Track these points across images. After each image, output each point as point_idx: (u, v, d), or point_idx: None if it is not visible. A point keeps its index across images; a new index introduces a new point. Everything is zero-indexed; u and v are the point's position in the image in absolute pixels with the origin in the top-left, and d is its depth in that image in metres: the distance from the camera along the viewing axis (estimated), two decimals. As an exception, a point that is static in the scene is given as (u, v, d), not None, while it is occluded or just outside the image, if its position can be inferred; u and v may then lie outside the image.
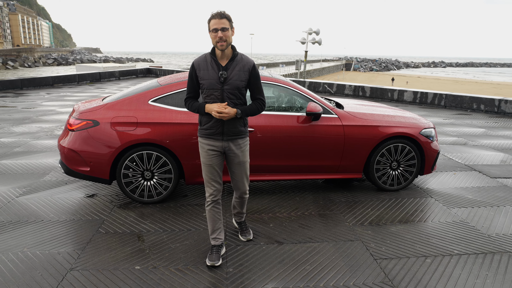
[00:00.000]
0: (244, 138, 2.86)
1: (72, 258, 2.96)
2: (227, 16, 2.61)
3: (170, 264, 2.89)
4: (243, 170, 2.93)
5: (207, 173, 2.84)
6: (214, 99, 2.69)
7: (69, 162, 3.94)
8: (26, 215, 3.70)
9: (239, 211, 3.24)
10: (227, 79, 2.67)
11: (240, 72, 2.69)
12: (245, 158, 2.90)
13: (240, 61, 2.71)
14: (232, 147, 2.82)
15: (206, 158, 2.82)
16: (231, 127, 2.75)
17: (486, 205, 4.06)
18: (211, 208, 2.89)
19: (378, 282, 2.70)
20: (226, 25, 2.59)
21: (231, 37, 2.64)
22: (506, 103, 10.34)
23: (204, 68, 2.71)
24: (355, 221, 3.67)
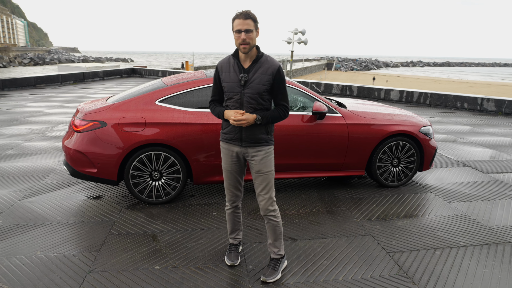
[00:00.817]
0: (265, 146, 2.60)
1: (89, 260, 2.94)
2: (253, 16, 2.44)
3: (190, 263, 2.91)
4: (263, 182, 2.61)
5: (226, 179, 2.75)
6: (234, 102, 2.55)
7: (75, 164, 3.89)
8: (33, 218, 3.64)
9: (270, 242, 2.75)
10: (248, 82, 2.51)
11: (262, 75, 2.49)
12: (265, 168, 2.60)
13: (264, 64, 2.51)
14: (251, 154, 2.61)
15: (225, 163, 2.72)
16: (249, 133, 2.56)
17: (483, 199, 4.24)
18: (231, 212, 2.86)
19: (394, 275, 2.80)
20: (251, 27, 2.42)
21: (255, 39, 2.47)
22: (488, 101, 10.75)
23: (226, 70, 2.59)
24: (363, 216, 3.78)
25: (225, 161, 2.71)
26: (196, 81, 4.09)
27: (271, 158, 2.64)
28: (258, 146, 2.59)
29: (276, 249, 2.75)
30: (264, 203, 2.63)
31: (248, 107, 2.53)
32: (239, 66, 2.54)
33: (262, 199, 2.64)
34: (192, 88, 4.05)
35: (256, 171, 2.62)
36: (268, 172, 2.61)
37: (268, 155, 2.62)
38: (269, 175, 2.62)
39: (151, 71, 20.68)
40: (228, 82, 2.56)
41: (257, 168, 2.61)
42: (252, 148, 2.60)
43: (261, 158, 2.60)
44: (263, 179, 2.61)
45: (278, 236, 2.72)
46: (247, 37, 2.42)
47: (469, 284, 2.70)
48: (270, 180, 2.62)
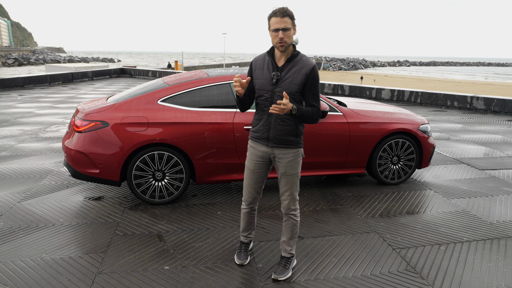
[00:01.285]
0: (292, 148, 2.53)
1: (96, 261, 2.91)
2: (290, 13, 2.34)
3: (199, 263, 2.90)
4: (287, 183, 2.58)
5: (247, 178, 2.69)
6: (264, 101, 2.49)
7: (77, 165, 3.83)
8: (34, 220, 3.57)
9: (284, 240, 2.74)
10: (280, 81, 2.44)
11: (295, 75, 2.42)
12: (291, 170, 2.55)
13: (298, 63, 2.43)
14: (278, 155, 2.55)
15: (249, 162, 2.66)
16: (277, 133, 2.50)
17: (482, 195, 4.33)
18: (246, 212, 2.82)
19: (403, 270, 2.84)
20: (288, 25, 2.34)
21: (292, 37, 2.39)
22: (477, 100, 10.96)
23: (260, 67, 2.52)
24: (366, 214, 3.82)
25: (250, 159, 2.66)
26: (198, 80, 4.08)
27: (299, 161, 2.57)
28: (285, 148, 2.53)
29: (289, 247, 2.75)
30: (287, 203, 2.62)
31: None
32: (273, 64, 2.48)
33: (285, 198, 2.62)
34: (194, 87, 4.03)
35: (282, 172, 2.58)
36: (294, 174, 2.57)
37: (295, 158, 2.55)
38: (294, 178, 2.58)
39: (141, 71, 20.50)
40: (260, 79, 2.50)
41: (282, 170, 2.57)
42: (279, 150, 2.54)
43: (288, 161, 2.54)
44: (288, 181, 2.58)
45: (294, 236, 2.72)
46: (284, 35, 2.34)
47: (476, 278, 2.75)
48: (295, 181, 2.59)
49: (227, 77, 4.14)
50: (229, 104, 4.04)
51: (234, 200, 4.12)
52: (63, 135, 6.96)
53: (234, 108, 4.05)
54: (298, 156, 2.57)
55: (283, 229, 2.74)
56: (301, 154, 2.60)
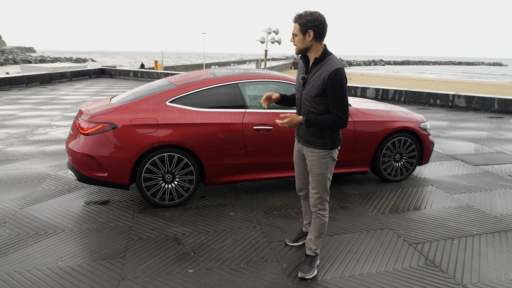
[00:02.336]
0: (317, 148, 2.60)
1: (116, 267, 2.83)
2: (301, 20, 2.42)
3: (222, 265, 2.88)
4: (313, 181, 2.66)
5: (294, 167, 2.96)
6: (297, 101, 2.69)
7: (84, 168, 3.72)
8: (42, 227, 3.45)
9: (311, 238, 2.79)
10: (306, 84, 2.56)
11: (316, 79, 2.48)
12: (315, 170, 2.63)
13: (322, 67, 2.47)
14: (305, 153, 2.70)
15: (294, 154, 2.91)
16: (304, 133, 2.65)
17: (481, 190, 4.50)
18: (301, 199, 3.08)
19: (423, 264, 2.92)
20: (295, 31, 2.46)
21: (302, 42, 2.46)
22: (459, 97, 11.36)
23: (299, 69, 2.70)
24: (376, 210, 3.90)
25: (294, 152, 2.90)
26: (206, 80, 4.04)
27: (324, 163, 2.61)
28: (311, 147, 2.64)
29: (314, 246, 2.79)
30: (313, 200, 2.71)
31: (304, 108, 2.61)
32: (305, 67, 2.62)
33: (312, 196, 2.71)
34: (202, 88, 3.99)
35: (309, 170, 2.71)
36: (318, 174, 2.63)
37: (319, 159, 2.60)
38: (319, 178, 2.64)
39: (122, 71, 20.08)
40: (296, 81, 2.72)
41: (308, 167, 2.71)
42: (306, 148, 2.69)
43: (312, 160, 2.64)
44: (313, 179, 2.67)
45: (320, 235, 2.78)
46: (294, 40, 2.50)
47: (493, 269, 2.86)
48: (320, 182, 2.65)
49: (235, 77, 4.12)
50: (237, 104, 4.03)
51: (244, 201, 4.11)
52: (52, 138, 6.74)
53: (243, 108, 4.04)
54: (323, 158, 2.60)
55: (311, 227, 2.80)
56: (328, 157, 2.61)
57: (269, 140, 4.05)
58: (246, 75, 4.18)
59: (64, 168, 5.12)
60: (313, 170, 2.65)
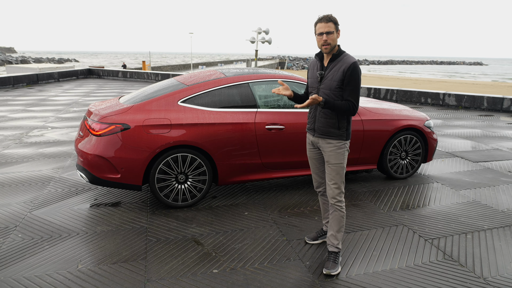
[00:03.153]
0: (334, 139, 2.75)
1: (139, 269, 2.80)
2: (334, 19, 2.64)
3: (246, 264, 2.88)
4: (330, 172, 2.78)
5: (310, 165, 3.09)
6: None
7: (96, 170, 3.66)
8: (55, 230, 3.38)
9: (332, 233, 2.86)
10: (323, 79, 2.73)
11: (335, 73, 2.66)
12: (333, 160, 2.76)
13: (340, 62, 2.67)
14: (322, 145, 2.81)
15: (307, 150, 3.01)
16: (320, 125, 2.78)
17: (484, 186, 4.62)
18: (319, 197, 3.15)
19: (441, 259, 2.98)
20: (332, 29, 2.62)
21: (336, 40, 2.67)
22: (449, 96, 11.61)
23: (312, 67, 2.87)
24: (387, 208, 3.96)
25: (307, 148, 3.01)
26: (217, 80, 4.03)
27: (341, 152, 2.77)
28: (327, 138, 2.77)
29: (336, 241, 2.85)
30: (331, 192, 2.81)
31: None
32: (320, 64, 2.80)
33: (329, 188, 2.82)
34: (213, 88, 3.98)
35: (326, 161, 2.82)
36: (336, 164, 2.77)
37: (337, 149, 2.76)
38: (337, 167, 2.77)
39: (110, 71, 19.79)
40: (310, 78, 2.87)
41: (326, 159, 2.82)
42: (323, 140, 2.80)
43: (330, 151, 2.78)
44: (331, 170, 2.79)
45: (341, 229, 2.85)
46: (328, 38, 2.63)
47: (509, 262, 2.95)
48: (338, 171, 2.78)
49: (245, 77, 4.12)
50: (249, 104, 4.03)
51: (256, 200, 4.11)
52: (50, 140, 6.60)
53: (254, 108, 4.04)
54: (340, 148, 2.77)
55: (330, 221, 2.87)
56: (344, 147, 2.77)
57: (280, 139, 4.06)
58: (257, 75, 4.19)
59: (67, 170, 5.03)
60: (331, 161, 2.78)
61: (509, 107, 10.74)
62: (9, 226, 3.44)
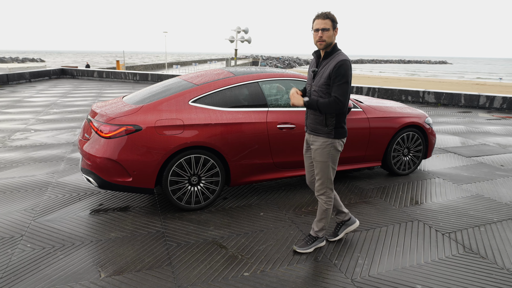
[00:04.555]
0: (321, 136, 2.81)
1: (167, 275, 2.70)
2: (331, 17, 2.68)
3: (275, 266, 2.84)
4: (317, 169, 2.86)
5: (304, 162, 3.09)
6: (307, 93, 2.92)
7: (106, 174, 3.50)
8: (66, 238, 3.20)
9: (315, 220, 3.03)
10: (316, 76, 2.82)
11: (325, 70, 2.73)
12: (318, 157, 2.82)
13: (332, 59, 2.72)
14: (311, 141, 2.92)
15: (304, 147, 3.06)
16: (310, 122, 2.88)
17: (482, 180, 4.80)
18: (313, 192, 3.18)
19: (462, 252, 3.06)
20: (328, 26, 2.67)
21: (332, 37, 2.70)
22: (428, 94, 12.01)
23: (310, 65, 2.96)
24: (397, 204, 4.03)
25: (304, 145, 3.06)
26: (227, 79, 3.96)
27: (328, 151, 2.81)
28: (315, 135, 2.86)
29: (316, 228, 3.03)
30: (317, 186, 2.92)
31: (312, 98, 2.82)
32: (316, 62, 2.87)
33: (316, 182, 2.94)
34: (223, 87, 3.91)
35: (312, 157, 2.91)
36: (321, 162, 2.84)
37: (323, 147, 2.81)
38: (322, 165, 2.84)
39: (85, 71, 19.10)
40: (308, 74, 2.96)
41: (312, 155, 2.91)
42: (312, 136, 2.90)
43: (316, 148, 2.85)
44: (316, 166, 2.88)
45: (321, 219, 2.99)
46: (323, 34, 2.67)
47: (526, 253, 3.06)
48: (322, 169, 2.85)
49: (255, 76, 4.07)
50: (259, 103, 3.99)
51: (268, 201, 4.08)
52: (36, 143, 6.28)
53: (265, 107, 4.00)
54: (327, 146, 2.81)
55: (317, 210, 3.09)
56: (332, 146, 2.81)
57: (291, 139, 4.04)
58: (265, 74, 4.15)
59: (63, 175, 4.79)
60: (316, 158, 2.86)
61: (484, 104, 11.24)
62: (15, 236, 3.23)
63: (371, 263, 2.89)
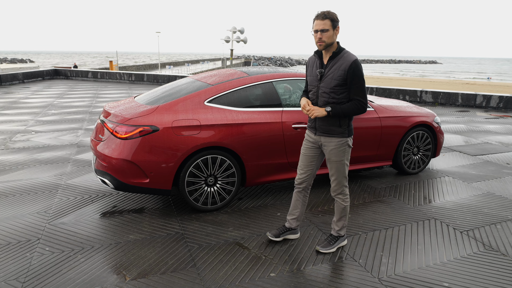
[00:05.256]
0: (336, 137, 2.79)
1: (194, 277, 2.67)
2: (330, 16, 2.62)
3: (300, 266, 2.83)
4: (331, 169, 2.86)
5: (300, 160, 3.04)
6: (312, 95, 2.84)
7: (122, 175, 3.46)
8: (84, 241, 3.15)
9: (334, 220, 3.04)
10: (323, 77, 2.74)
11: (335, 71, 2.67)
12: (334, 157, 2.82)
13: (340, 59, 2.68)
14: (324, 143, 2.86)
15: (303, 147, 3.01)
16: (321, 124, 2.82)
17: (491, 178, 4.85)
18: (295, 193, 3.12)
19: (483, 250, 3.09)
20: (327, 26, 2.61)
21: (332, 37, 2.65)
22: (426, 93, 12.12)
23: (311, 65, 2.86)
24: (412, 202, 4.05)
25: (303, 145, 3.01)
26: (241, 79, 3.94)
27: (343, 150, 2.82)
28: (329, 136, 2.81)
29: (337, 227, 3.03)
30: (333, 186, 2.93)
31: (321, 100, 2.78)
32: (320, 62, 2.80)
33: (332, 182, 2.93)
34: (238, 87, 3.89)
35: (327, 159, 2.88)
36: (337, 161, 2.83)
37: (339, 147, 2.81)
38: (338, 164, 2.84)
39: (79, 72, 18.88)
40: (310, 76, 2.87)
41: (327, 156, 2.87)
42: (325, 138, 2.84)
43: (331, 149, 2.83)
44: (332, 166, 2.87)
45: (341, 218, 2.99)
46: (322, 35, 2.63)
47: (545, 249, 3.10)
48: (338, 168, 2.85)
49: (269, 76, 4.06)
50: (274, 103, 3.97)
51: (283, 200, 4.07)
52: (39, 145, 6.18)
53: (279, 107, 3.99)
54: (342, 145, 2.81)
55: (335, 209, 3.02)
56: (346, 144, 2.82)
57: (306, 138, 4.04)
58: (279, 74, 4.14)
59: (71, 176, 4.72)
60: (332, 158, 2.84)
61: (481, 103, 11.39)
62: (31, 239, 3.17)
63: (395, 262, 2.90)
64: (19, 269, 2.75)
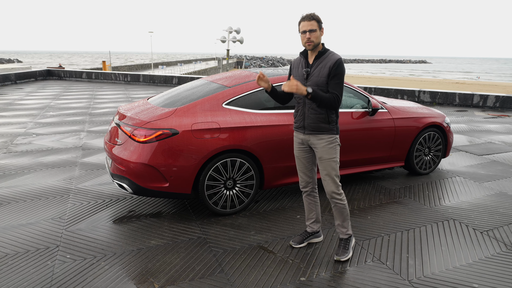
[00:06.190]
0: (325, 134, 2.80)
1: (224, 283, 2.63)
2: (316, 18, 2.71)
3: (328, 269, 2.82)
4: (324, 168, 2.82)
5: (296, 164, 3.04)
6: (299, 95, 2.80)
7: (141, 179, 3.40)
8: (105, 248, 3.09)
9: (338, 223, 2.96)
10: (310, 76, 2.79)
11: (321, 69, 2.74)
12: (325, 155, 2.80)
13: (325, 59, 2.75)
14: (313, 142, 2.85)
15: (295, 150, 3.01)
16: (311, 121, 2.81)
17: (501, 178, 4.90)
18: (304, 197, 3.12)
19: (505, 250, 3.11)
20: (314, 27, 2.69)
21: (319, 37, 2.73)
22: (424, 93, 12.23)
23: (296, 66, 2.91)
24: (428, 203, 4.06)
25: (295, 147, 3.01)
26: (258, 81, 3.90)
27: (333, 147, 2.82)
28: (319, 134, 2.82)
29: (344, 229, 2.97)
30: (328, 187, 2.85)
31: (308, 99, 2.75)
32: (306, 62, 2.84)
33: (326, 183, 2.86)
34: (255, 89, 3.86)
35: (319, 157, 2.86)
36: (329, 159, 2.81)
37: (329, 144, 2.81)
38: (331, 162, 2.81)
39: (73, 72, 18.63)
40: (296, 76, 2.89)
41: (318, 155, 2.85)
42: (314, 136, 2.84)
43: (322, 146, 2.82)
44: (325, 165, 2.83)
45: (346, 218, 2.94)
46: (311, 36, 2.69)
47: None
48: (331, 166, 2.81)
49: (284, 78, 4.04)
50: (289, 104, 3.95)
51: (300, 202, 4.05)
52: (42, 148, 6.06)
53: (296, 109, 3.97)
54: (332, 142, 2.82)
55: (334, 214, 2.95)
56: (335, 141, 2.83)
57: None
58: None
59: (81, 180, 4.64)
60: (324, 156, 2.82)
61: (478, 102, 11.54)
62: (50, 247, 3.09)
63: (422, 264, 2.90)
64: (42, 278, 2.68)
